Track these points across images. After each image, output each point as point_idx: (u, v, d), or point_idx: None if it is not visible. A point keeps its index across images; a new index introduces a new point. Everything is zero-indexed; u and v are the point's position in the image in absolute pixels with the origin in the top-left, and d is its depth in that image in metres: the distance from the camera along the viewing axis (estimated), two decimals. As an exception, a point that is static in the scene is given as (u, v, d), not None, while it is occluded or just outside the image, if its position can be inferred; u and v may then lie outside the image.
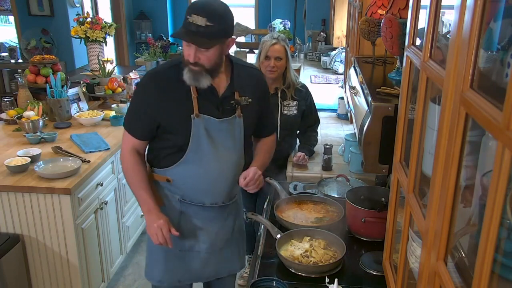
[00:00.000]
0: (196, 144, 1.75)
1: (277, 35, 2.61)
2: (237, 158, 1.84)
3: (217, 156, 1.78)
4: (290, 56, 2.61)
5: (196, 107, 1.73)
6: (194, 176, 1.80)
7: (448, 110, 0.86)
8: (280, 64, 2.55)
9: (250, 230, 3.00)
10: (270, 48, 2.54)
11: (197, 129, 1.73)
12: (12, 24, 6.66)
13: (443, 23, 1.37)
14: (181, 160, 1.78)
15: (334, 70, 4.92)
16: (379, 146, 1.60)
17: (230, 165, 1.82)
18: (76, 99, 3.49)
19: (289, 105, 2.63)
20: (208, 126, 1.75)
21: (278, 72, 2.56)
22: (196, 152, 1.76)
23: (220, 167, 1.80)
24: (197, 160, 1.77)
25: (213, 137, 1.76)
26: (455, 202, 0.86)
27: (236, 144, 1.82)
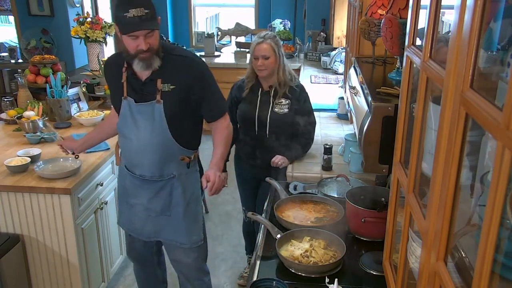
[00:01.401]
0: (124, 121, 2.09)
1: (264, 33, 2.60)
2: (159, 140, 2.06)
3: (137, 135, 2.07)
4: (281, 53, 2.59)
5: (125, 91, 2.05)
6: (125, 148, 2.17)
7: (448, 110, 0.86)
8: (269, 63, 2.54)
9: (250, 230, 3.01)
10: (255, 48, 2.55)
11: (124, 110, 2.07)
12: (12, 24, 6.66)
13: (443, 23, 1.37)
14: (119, 134, 2.19)
15: (334, 70, 4.91)
16: (379, 146, 1.60)
17: (151, 145, 2.07)
18: (76, 99, 3.49)
19: (280, 103, 2.62)
20: (131, 108, 2.05)
21: (268, 70, 2.56)
22: (122, 129, 2.12)
23: (142, 145, 2.07)
24: (125, 136, 2.12)
25: (135, 119, 2.05)
26: (455, 202, 0.86)
27: (157, 127, 2.04)
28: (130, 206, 2.25)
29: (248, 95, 2.65)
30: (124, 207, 2.31)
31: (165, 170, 2.12)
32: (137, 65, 1.96)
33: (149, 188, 2.16)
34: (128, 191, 2.23)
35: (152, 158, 2.09)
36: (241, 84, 2.71)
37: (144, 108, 2.04)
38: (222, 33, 6.19)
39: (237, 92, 2.70)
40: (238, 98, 2.69)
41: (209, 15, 9.01)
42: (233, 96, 2.72)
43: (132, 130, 2.08)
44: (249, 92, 2.65)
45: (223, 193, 3.76)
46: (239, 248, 3.46)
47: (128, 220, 2.30)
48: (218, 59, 5.69)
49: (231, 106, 2.71)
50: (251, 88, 2.65)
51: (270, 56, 2.54)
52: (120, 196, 2.34)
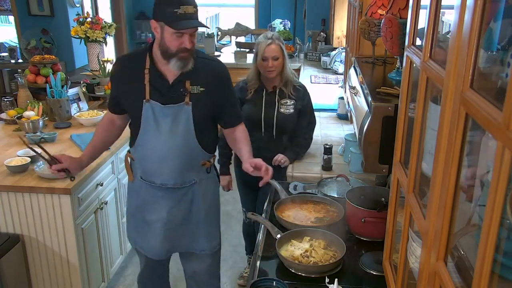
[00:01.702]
0: (145, 127, 1.95)
1: (271, 34, 2.60)
2: (183, 144, 1.97)
3: (162, 139, 1.95)
4: (286, 53, 2.61)
5: (147, 93, 1.92)
6: (144, 157, 2.02)
7: (448, 110, 0.86)
8: (278, 63, 2.55)
9: (250, 231, 3.01)
10: (266, 48, 2.54)
11: (146, 113, 1.93)
12: (12, 24, 6.66)
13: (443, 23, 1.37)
14: (136, 141, 2.01)
15: (334, 70, 4.91)
16: (379, 146, 1.60)
17: (176, 150, 1.97)
18: (76, 99, 3.48)
19: (286, 103, 2.63)
20: (155, 111, 1.93)
21: (277, 71, 2.56)
22: (145, 134, 1.97)
23: (166, 150, 1.96)
24: (146, 142, 1.98)
25: (159, 122, 1.94)
26: (455, 202, 0.86)
27: (183, 130, 1.95)
28: (146, 224, 2.11)
29: (253, 97, 2.64)
30: (140, 226, 2.15)
31: (187, 177, 2.04)
32: (174, 64, 1.86)
33: (170, 198, 2.06)
34: (145, 207, 2.09)
35: (175, 164, 1.99)
36: (243, 85, 2.70)
37: (170, 111, 1.93)
38: (222, 33, 6.19)
39: (240, 94, 2.67)
40: (241, 99, 2.68)
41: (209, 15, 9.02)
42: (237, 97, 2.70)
43: (153, 135, 1.95)
44: (253, 94, 2.64)
45: (224, 194, 3.76)
46: (239, 248, 3.46)
47: (145, 239, 2.14)
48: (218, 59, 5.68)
49: None
50: (255, 90, 2.64)
51: (279, 56, 2.54)
52: (133, 215, 2.18)
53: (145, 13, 7.26)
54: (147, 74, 1.92)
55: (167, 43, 1.83)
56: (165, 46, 1.84)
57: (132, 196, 2.17)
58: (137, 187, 2.11)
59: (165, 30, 1.81)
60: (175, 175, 2.01)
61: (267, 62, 2.53)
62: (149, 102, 1.92)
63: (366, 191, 2.07)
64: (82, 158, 2.09)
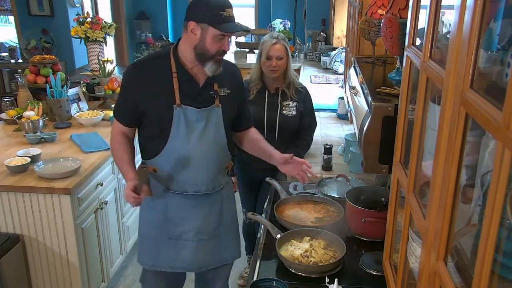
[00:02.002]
0: (176, 133, 1.84)
1: (277, 34, 2.61)
2: (217, 147, 1.92)
3: (196, 145, 1.86)
4: (290, 55, 2.61)
5: (178, 97, 1.82)
6: (175, 165, 1.88)
7: (448, 110, 0.86)
8: (282, 63, 2.55)
9: (250, 230, 3.01)
10: (271, 48, 2.54)
11: (177, 119, 1.83)
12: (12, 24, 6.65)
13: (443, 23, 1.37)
14: (164, 149, 1.87)
15: (334, 70, 4.92)
16: (379, 146, 1.60)
17: (210, 154, 1.90)
18: (76, 99, 3.49)
19: (288, 105, 2.63)
20: (188, 116, 1.84)
21: (280, 71, 2.56)
22: (175, 140, 1.85)
23: (199, 155, 1.88)
24: (178, 149, 1.86)
25: (192, 127, 1.85)
26: (455, 202, 0.86)
27: (215, 133, 1.90)
28: (173, 240, 1.97)
29: (255, 98, 2.64)
30: (163, 243, 1.99)
31: (217, 181, 1.97)
32: (210, 67, 1.81)
33: (204, 205, 1.97)
34: (174, 220, 1.96)
35: (209, 169, 1.92)
36: (245, 86, 2.69)
37: (205, 114, 1.86)
38: (222, 33, 6.17)
39: None
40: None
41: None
42: None
43: (184, 140, 1.85)
44: (255, 95, 2.64)
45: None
46: (239, 248, 3.45)
47: (173, 256, 1.99)
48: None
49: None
50: (257, 91, 2.64)
51: (283, 57, 2.54)
52: (152, 234, 2.00)
53: (145, 13, 7.27)
54: (175, 78, 1.82)
55: (208, 45, 1.76)
56: (204, 48, 1.77)
57: (152, 212, 1.99)
58: (161, 201, 1.95)
59: (208, 32, 1.74)
60: (208, 181, 1.93)
61: (271, 61, 2.53)
62: (180, 107, 1.82)
63: (366, 191, 2.07)
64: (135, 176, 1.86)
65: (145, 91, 1.84)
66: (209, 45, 1.76)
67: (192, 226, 1.96)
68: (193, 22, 1.75)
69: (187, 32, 1.78)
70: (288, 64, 2.59)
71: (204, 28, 1.74)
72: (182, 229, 1.96)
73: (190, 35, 1.77)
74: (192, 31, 1.76)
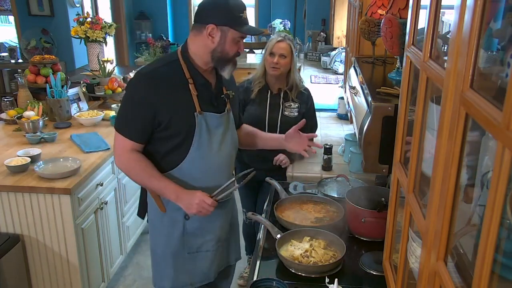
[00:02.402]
0: (199, 141, 1.76)
1: (284, 34, 2.62)
2: (233, 151, 1.92)
3: (217, 151, 1.82)
4: (295, 57, 2.61)
5: (197, 105, 1.75)
6: (197, 174, 1.80)
7: (448, 110, 0.86)
8: (284, 62, 2.55)
9: (250, 230, 3.00)
10: (275, 44, 2.55)
11: (200, 127, 1.75)
12: (12, 24, 6.65)
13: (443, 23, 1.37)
14: (185, 160, 1.77)
15: (334, 70, 4.92)
16: (379, 146, 1.60)
17: (228, 159, 1.89)
18: (76, 99, 3.49)
19: (290, 106, 2.63)
20: (209, 122, 1.78)
21: (282, 70, 2.56)
22: (199, 149, 1.77)
23: (220, 161, 1.84)
24: (201, 157, 1.78)
25: (213, 133, 1.80)
26: (455, 202, 0.86)
27: (231, 137, 1.89)
28: (192, 253, 1.89)
29: (257, 97, 2.64)
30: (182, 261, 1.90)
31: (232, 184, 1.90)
32: (228, 70, 1.78)
33: (223, 212, 1.94)
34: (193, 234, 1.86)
35: (228, 173, 1.90)
36: (248, 86, 2.68)
37: (224, 119, 1.83)
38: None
39: (244, 94, 2.66)
40: (246, 100, 2.67)
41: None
42: (240, 98, 2.68)
43: (207, 148, 1.78)
44: (257, 94, 2.64)
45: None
46: (239, 248, 3.45)
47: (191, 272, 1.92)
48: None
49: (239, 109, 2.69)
50: (259, 90, 2.64)
51: (287, 56, 2.54)
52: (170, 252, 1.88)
53: (145, 13, 7.27)
54: (191, 84, 1.74)
55: (227, 48, 1.72)
56: (223, 52, 1.72)
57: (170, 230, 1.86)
58: (179, 215, 1.84)
59: (228, 35, 1.69)
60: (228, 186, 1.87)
61: (274, 58, 2.53)
62: (202, 114, 1.75)
63: (366, 191, 2.07)
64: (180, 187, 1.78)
65: (163, 103, 1.70)
66: (229, 48, 1.72)
67: (213, 236, 1.91)
68: (212, 25, 1.67)
69: (201, 35, 1.70)
70: (292, 65, 2.58)
71: (224, 31, 1.69)
72: (203, 240, 1.89)
73: (207, 39, 1.70)
74: (210, 34, 1.69)
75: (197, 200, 1.74)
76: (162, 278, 1.94)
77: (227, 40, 1.71)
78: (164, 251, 1.89)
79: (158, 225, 1.89)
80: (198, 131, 1.75)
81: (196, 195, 1.75)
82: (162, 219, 1.87)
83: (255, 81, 2.64)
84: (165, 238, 1.88)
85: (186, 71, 1.75)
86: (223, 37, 1.70)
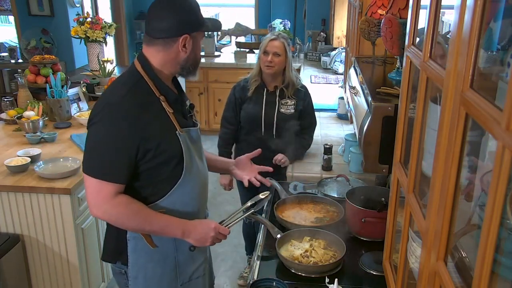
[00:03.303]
0: (189, 162, 1.60)
1: (278, 32, 2.63)
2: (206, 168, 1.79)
3: (202, 168, 1.69)
4: (290, 54, 2.61)
5: (176, 123, 1.58)
6: (188, 198, 1.64)
7: (448, 110, 0.86)
8: (278, 61, 2.55)
9: (250, 231, 3.01)
10: (268, 43, 2.56)
11: (186, 146, 1.59)
12: (12, 24, 6.65)
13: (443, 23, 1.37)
14: (178, 184, 1.59)
15: (334, 70, 4.92)
16: (379, 146, 1.60)
17: (206, 174, 1.76)
18: (76, 99, 3.49)
19: (286, 103, 2.64)
20: (190, 139, 1.63)
21: (276, 68, 2.56)
22: (190, 170, 1.61)
23: (204, 178, 1.73)
24: (191, 179, 1.63)
25: (195, 149, 1.65)
26: (455, 202, 0.86)
27: (203, 151, 1.76)
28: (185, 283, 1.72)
29: (253, 95, 2.65)
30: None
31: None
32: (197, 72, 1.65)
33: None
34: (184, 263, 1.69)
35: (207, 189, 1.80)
36: (244, 84, 2.70)
37: (198, 134, 1.69)
38: (222, 33, 6.19)
39: (241, 93, 2.68)
40: (243, 99, 2.68)
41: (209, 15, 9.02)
42: (237, 97, 2.69)
43: (196, 166, 1.64)
44: (254, 93, 2.65)
45: (223, 193, 3.76)
46: (239, 248, 3.45)
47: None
48: (218, 59, 5.69)
49: (234, 107, 2.70)
50: (256, 88, 2.65)
51: (281, 54, 2.55)
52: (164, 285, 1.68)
53: (145, 13, 7.25)
54: (164, 102, 1.56)
55: (198, 52, 1.62)
56: (196, 57, 1.61)
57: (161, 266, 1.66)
58: (170, 247, 1.64)
59: (198, 38, 1.58)
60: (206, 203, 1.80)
61: (267, 56, 2.54)
62: (182, 132, 1.58)
63: (366, 191, 2.07)
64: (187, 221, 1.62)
65: (146, 130, 1.50)
66: (199, 51, 1.62)
67: (203, 259, 1.76)
68: (186, 35, 1.52)
69: (171, 48, 1.54)
70: (287, 63, 2.59)
71: (195, 36, 1.57)
72: (194, 267, 1.73)
73: (179, 51, 1.54)
74: (185, 45, 1.54)
75: (212, 233, 1.61)
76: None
77: (198, 45, 1.60)
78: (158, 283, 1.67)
79: (146, 265, 1.64)
80: (186, 151, 1.58)
81: (211, 227, 1.62)
82: (152, 257, 1.63)
83: (251, 79, 2.66)
84: (158, 277, 1.66)
85: (155, 89, 1.56)
86: (195, 43, 1.58)
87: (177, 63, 1.58)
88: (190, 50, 1.56)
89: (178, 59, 1.57)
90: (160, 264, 1.65)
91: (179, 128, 1.57)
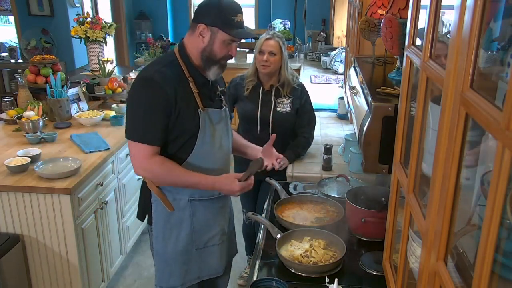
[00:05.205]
0: (203, 138, 1.79)
1: (273, 32, 2.63)
2: (230, 145, 1.98)
3: (219, 147, 1.86)
4: (285, 53, 2.61)
5: (200, 102, 1.77)
6: (203, 170, 1.80)
7: (448, 110, 0.86)
8: (274, 60, 2.56)
9: (250, 230, 3.01)
10: (264, 42, 2.57)
11: (204, 124, 1.78)
12: (12, 24, 6.66)
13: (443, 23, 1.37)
14: (190, 155, 1.79)
15: (334, 70, 4.92)
16: (379, 146, 1.60)
17: (228, 153, 1.97)
18: (76, 99, 3.49)
19: (283, 102, 2.64)
20: (212, 119, 1.82)
21: (272, 67, 2.57)
22: (201, 147, 1.80)
23: (223, 156, 1.90)
24: (204, 155, 1.82)
25: (216, 129, 1.84)
26: (455, 202, 0.86)
27: (229, 132, 1.96)
28: (200, 249, 1.91)
29: (249, 94, 2.65)
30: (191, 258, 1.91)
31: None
32: (214, 72, 1.80)
33: (226, 205, 2.00)
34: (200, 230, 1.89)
35: (229, 167, 1.97)
36: (239, 81, 2.71)
37: (224, 114, 1.89)
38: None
39: (236, 90, 2.70)
40: (236, 95, 2.69)
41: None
42: (231, 93, 2.70)
43: (211, 145, 1.82)
44: (250, 91, 2.65)
45: (223, 193, 3.76)
46: (239, 248, 3.43)
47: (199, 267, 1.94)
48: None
49: (228, 104, 2.70)
50: (252, 87, 2.65)
51: (276, 53, 2.55)
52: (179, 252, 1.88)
53: (145, 13, 7.27)
54: (192, 83, 1.76)
55: (216, 49, 1.74)
56: (211, 52, 1.74)
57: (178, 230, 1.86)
58: (186, 213, 1.85)
59: (218, 36, 1.71)
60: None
61: (263, 56, 2.55)
62: (204, 111, 1.78)
63: (366, 191, 2.07)
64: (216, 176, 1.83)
65: (170, 103, 1.71)
66: (217, 50, 1.74)
67: (218, 230, 1.94)
68: (203, 25, 1.70)
69: (194, 34, 1.74)
70: (282, 62, 2.59)
71: (214, 32, 1.71)
72: (209, 235, 1.92)
73: (198, 38, 1.73)
74: (201, 34, 1.72)
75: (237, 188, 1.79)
76: (170, 277, 1.92)
77: (216, 41, 1.72)
78: (173, 251, 1.87)
79: (164, 226, 1.86)
80: (202, 128, 1.78)
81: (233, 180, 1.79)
82: (169, 220, 1.85)
83: (248, 78, 2.66)
84: (174, 238, 1.87)
85: (186, 70, 1.77)
86: (212, 38, 1.72)
87: (198, 51, 1.76)
88: (207, 42, 1.73)
89: (198, 46, 1.75)
90: (176, 227, 1.86)
91: (202, 106, 1.77)
